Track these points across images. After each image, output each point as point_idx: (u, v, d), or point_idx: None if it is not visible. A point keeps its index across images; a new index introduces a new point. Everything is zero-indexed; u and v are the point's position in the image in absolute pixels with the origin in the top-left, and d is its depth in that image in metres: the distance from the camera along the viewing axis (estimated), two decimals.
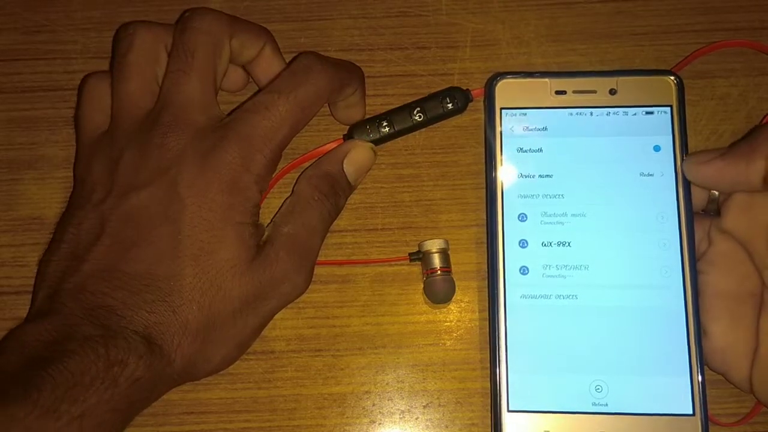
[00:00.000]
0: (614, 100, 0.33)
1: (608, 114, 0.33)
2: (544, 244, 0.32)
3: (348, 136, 0.35)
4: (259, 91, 0.32)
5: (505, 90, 0.34)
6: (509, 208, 0.33)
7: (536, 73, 0.34)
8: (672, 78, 0.33)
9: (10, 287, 0.35)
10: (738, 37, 0.36)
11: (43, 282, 0.29)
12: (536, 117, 0.33)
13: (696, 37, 0.36)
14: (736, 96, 0.36)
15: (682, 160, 0.32)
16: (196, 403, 0.33)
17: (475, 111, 0.36)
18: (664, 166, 0.32)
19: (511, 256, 0.32)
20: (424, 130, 0.36)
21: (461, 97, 0.35)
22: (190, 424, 0.33)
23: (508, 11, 0.37)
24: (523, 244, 0.32)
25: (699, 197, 0.32)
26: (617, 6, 0.37)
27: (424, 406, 0.33)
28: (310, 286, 0.33)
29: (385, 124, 0.34)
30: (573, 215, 0.32)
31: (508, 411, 0.30)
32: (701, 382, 0.30)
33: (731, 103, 0.36)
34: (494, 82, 0.34)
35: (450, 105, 0.35)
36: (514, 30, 0.37)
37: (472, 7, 0.38)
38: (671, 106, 0.33)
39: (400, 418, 0.33)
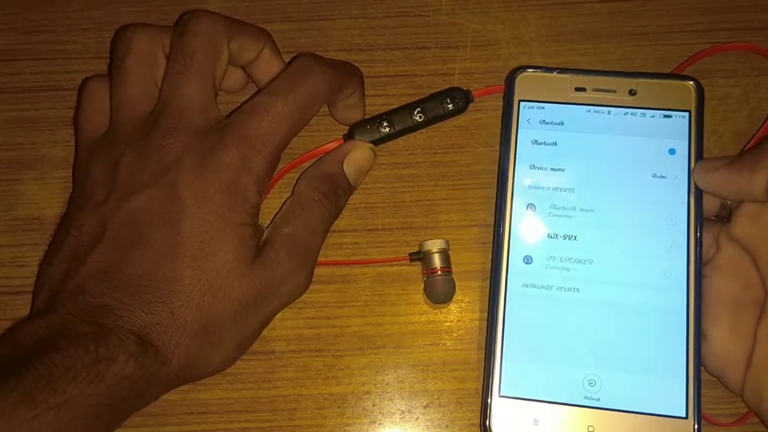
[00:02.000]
0: (633, 101, 0.33)
1: (626, 114, 0.33)
2: (550, 236, 0.32)
3: (348, 136, 0.35)
4: (258, 92, 0.32)
5: (525, 83, 0.34)
6: (519, 197, 0.33)
7: (557, 68, 0.34)
8: (692, 83, 0.33)
9: (10, 287, 0.35)
10: (738, 37, 0.36)
11: (44, 284, 0.29)
12: (554, 111, 0.34)
13: (696, 37, 0.36)
14: (737, 96, 0.36)
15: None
16: (196, 403, 0.33)
17: (476, 111, 0.36)
18: (677, 169, 0.32)
19: (516, 244, 0.32)
20: (424, 130, 0.36)
21: (462, 98, 0.35)
22: (190, 424, 0.33)
23: (508, 11, 0.37)
24: (529, 233, 0.32)
25: (712, 203, 0.32)
26: (617, 6, 0.37)
27: (425, 406, 0.33)
28: (310, 286, 0.33)
29: (385, 124, 0.34)
30: (582, 210, 0.32)
31: (499, 396, 0.31)
32: (697, 386, 0.30)
33: (732, 104, 0.36)
34: (515, 75, 0.34)
35: (450, 105, 0.35)
36: (514, 30, 0.37)
37: (472, 7, 0.38)
38: (690, 112, 0.33)
39: (401, 419, 0.33)
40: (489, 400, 0.31)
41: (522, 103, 0.34)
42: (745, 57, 0.36)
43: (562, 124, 0.33)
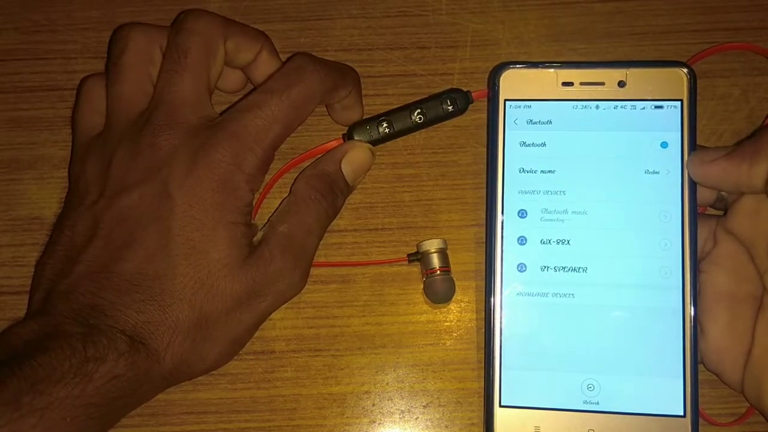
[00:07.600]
0: (623, 93, 0.32)
1: (615, 107, 0.32)
2: (543, 242, 0.32)
3: (348, 136, 0.35)
4: (253, 90, 0.32)
5: (511, 80, 0.33)
6: (509, 204, 0.32)
7: (543, 63, 0.33)
8: (684, 70, 0.32)
9: (10, 287, 0.35)
10: (738, 37, 0.36)
11: (38, 285, 0.29)
12: (541, 109, 0.33)
13: (696, 37, 0.36)
14: (737, 96, 0.36)
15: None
16: (196, 403, 0.33)
17: (476, 111, 0.36)
18: (670, 163, 0.32)
19: (509, 253, 0.32)
20: (423, 129, 0.36)
21: (462, 99, 0.35)
22: (190, 424, 0.33)
23: (508, 11, 0.37)
24: (522, 240, 0.32)
25: (707, 193, 0.32)
26: (617, 6, 0.37)
27: (424, 406, 0.33)
28: (310, 286, 0.33)
29: (385, 124, 0.34)
30: (574, 212, 0.32)
31: (500, 406, 0.31)
32: (694, 384, 0.30)
33: (732, 103, 0.36)
34: (499, 72, 0.33)
35: (450, 107, 0.35)
36: (514, 30, 0.37)
37: (472, 7, 0.38)
38: (682, 101, 0.32)
39: (400, 418, 0.33)
40: (490, 411, 0.31)
41: (508, 103, 0.33)
42: (744, 57, 0.36)
43: (550, 122, 0.33)
